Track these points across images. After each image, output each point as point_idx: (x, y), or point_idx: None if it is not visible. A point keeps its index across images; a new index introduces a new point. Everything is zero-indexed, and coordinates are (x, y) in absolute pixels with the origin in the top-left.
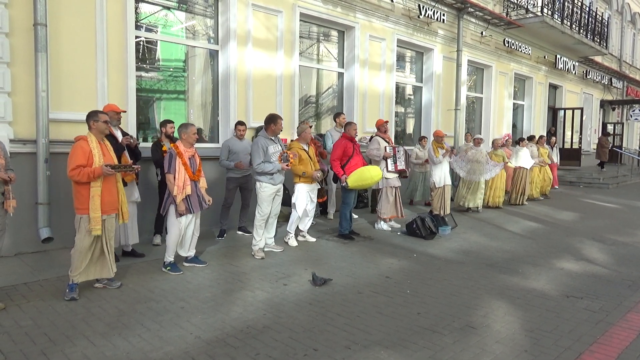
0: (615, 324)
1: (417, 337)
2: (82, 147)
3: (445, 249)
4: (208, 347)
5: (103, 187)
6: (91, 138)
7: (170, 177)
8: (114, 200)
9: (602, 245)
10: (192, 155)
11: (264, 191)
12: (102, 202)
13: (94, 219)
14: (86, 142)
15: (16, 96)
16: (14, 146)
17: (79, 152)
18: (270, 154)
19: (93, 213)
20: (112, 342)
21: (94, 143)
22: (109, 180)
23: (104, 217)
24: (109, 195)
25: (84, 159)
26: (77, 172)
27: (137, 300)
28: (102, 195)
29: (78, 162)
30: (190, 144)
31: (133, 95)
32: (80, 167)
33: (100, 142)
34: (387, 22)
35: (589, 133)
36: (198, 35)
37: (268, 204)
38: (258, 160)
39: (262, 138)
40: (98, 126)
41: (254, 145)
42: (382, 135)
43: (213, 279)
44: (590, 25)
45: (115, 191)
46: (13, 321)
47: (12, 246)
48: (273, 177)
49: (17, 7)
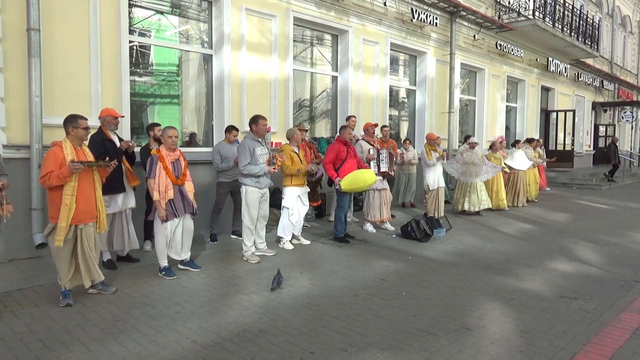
0: (609, 324)
1: (413, 339)
2: (54, 153)
3: (440, 251)
4: (204, 351)
5: (78, 195)
6: (66, 144)
7: (151, 181)
8: (90, 208)
9: (595, 246)
10: (176, 159)
11: (249, 195)
12: (77, 211)
13: (59, 229)
14: (60, 149)
15: (9, 101)
16: (8, 152)
17: (50, 158)
18: (258, 156)
19: (60, 222)
20: (107, 348)
21: (68, 149)
22: (85, 187)
23: (80, 226)
24: (85, 203)
25: (55, 165)
26: (47, 178)
27: (132, 305)
28: (78, 203)
29: (49, 168)
30: (170, 148)
31: (127, 99)
32: (50, 173)
33: (77, 148)
34: (381, 26)
35: (581, 135)
36: (192, 40)
37: (255, 208)
38: (245, 161)
39: (249, 140)
40: (77, 132)
41: (241, 146)
42: (367, 138)
43: (208, 283)
44: (582, 28)
45: (92, 199)
46: (7, 327)
47: (5, 252)
48: (259, 180)
49: (9, 12)
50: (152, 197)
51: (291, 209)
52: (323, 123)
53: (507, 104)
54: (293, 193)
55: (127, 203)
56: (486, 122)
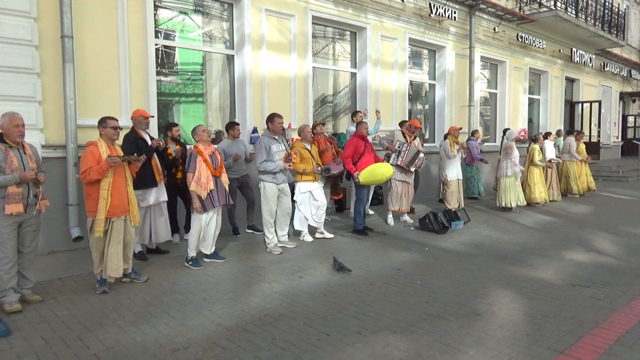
0: (618, 310)
1: (424, 323)
2: (91, 151)
3: (457, 242)
4: (229, 333)
5: (112, 189)
6: (101, 143)
7: (190, 175)
8: (123, 202)
9: (614, 237)
10: (212, 152)
11: (267, 190)
12: (112, 205)
13: (98, 221)
14: (95, 147)
15: (46, 104)
16: (45, 151)
17: (88, 156)
18: (274, 153)
19: (98, 215)
20: (141, 329)
21: (103, 147)
22: (119, 182)
23: (112, 219)
24: (118, 198)
25: (93, 161)
26: (87, 173)
27: (162, 293)
28: (112, 197)
29: (88, 164)
30: (206, 142)
31: (154, 100)
32: (90, 168)
33: (110, 147)
34: (399, 22)
35: (608, 126)
36: (214, 40)
37: (273, 202)
38: (261, 158)
39: (265, 137)
40: (107, 132)
41: (257, 145)
42: (405, 131)
43: (232, 272)
44: (607, 17)
45: (125, 194)
46: (51, 312)
47: (45, 245)
48: (276, 176)
49: (45, 20)
50: (189, 189)
51: (301, 203)
52: (343, 119)
53: (529, 96)
54: (303, 188)
55: (159, 197)
56: (508, 115)
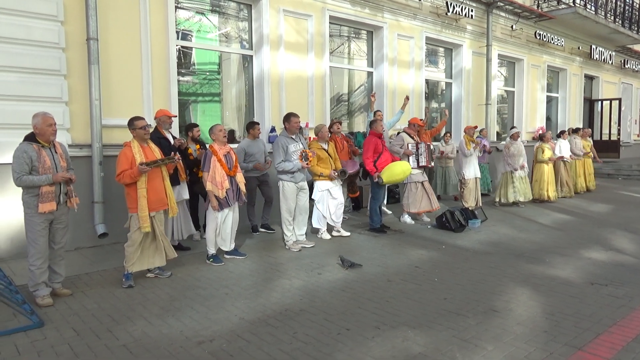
0: (637, 309)
1: (442, 319)
2: (125, 154)
3: (474, 240)
4: (251, 326)
5: (149, 187)
6: (134, 143)
7: (205, 174)
8: (161, 197)
9: (633, 236)
10: (227, 152)
11: (286, 189)
12: (149, 201)
13: (142, 218)
14: (129, 148)
15: (73, 105)
16: (72, 150)
17: (122, 159)
18: (291, 152)
19: (141, 212)
20: (167, 322)
21: (136, 148)
22: (155, 179)
23: (152, 213)
24: (155, 194)
25: (126, 164)
26: (121, 176)
27: (186, 288)
28: (149, 194)
29: (122, 167)
30: (222, 142)
31: (175, 100)
32: (124, 172)
33: (143, 146)
34: (415, 21)
35: (629, 124)
36: (232, 40)
37: (292, 200)
38: (278, 159)
39: (282, 137)
40: (137, 132)
41: (275, 145)
42: (409, 131)
43: (253, 269)
44: (627, 13)
45: (162, 189)
46: (80, 305)
47: (72, 241)
48: (294, 175)
49: (71, 23)
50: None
51: (319, 202)
52: (358, 118)
53: (547, 94)
54: (321, 187)
55: (182, 195)
56: (526, 113)
